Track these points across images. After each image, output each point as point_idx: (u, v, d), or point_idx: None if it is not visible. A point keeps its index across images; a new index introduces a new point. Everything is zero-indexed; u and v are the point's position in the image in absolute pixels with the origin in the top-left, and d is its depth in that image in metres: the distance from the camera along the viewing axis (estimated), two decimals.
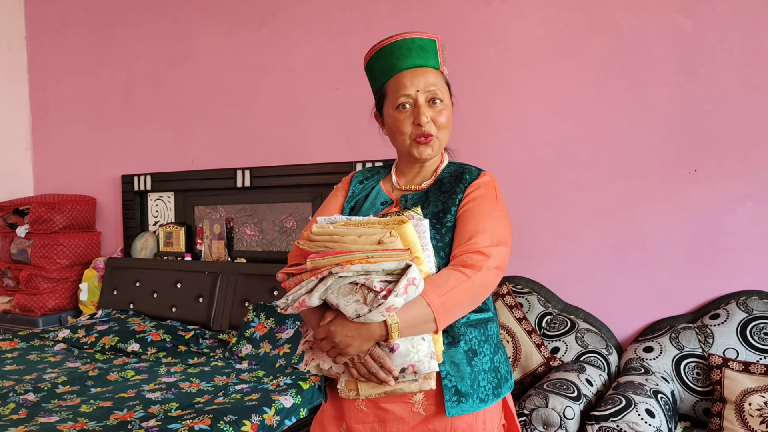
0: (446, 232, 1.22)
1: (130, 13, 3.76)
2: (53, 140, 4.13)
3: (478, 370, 1.19)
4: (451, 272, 1.14)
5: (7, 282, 3.85)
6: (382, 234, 1.08)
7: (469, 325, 1.21)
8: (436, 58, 1.28)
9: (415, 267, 1.07)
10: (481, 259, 1.15)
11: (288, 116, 3.24)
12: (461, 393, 1.17)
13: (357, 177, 1.44)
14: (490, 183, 1.28)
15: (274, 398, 2.13)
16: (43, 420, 1.98)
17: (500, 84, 2.69)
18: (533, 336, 2.39)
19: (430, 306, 1.08)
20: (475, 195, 1.24)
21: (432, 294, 1.09)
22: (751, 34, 2.26)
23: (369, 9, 2.99)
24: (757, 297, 2.22)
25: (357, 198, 1.38)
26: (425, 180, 1.32)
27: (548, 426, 1.82)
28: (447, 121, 1.28)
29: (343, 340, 1.07)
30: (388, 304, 1.03)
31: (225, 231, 3.39)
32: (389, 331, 1.06)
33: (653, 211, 2.41)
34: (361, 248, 1.08)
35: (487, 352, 1.22)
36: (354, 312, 1.05)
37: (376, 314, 1.03)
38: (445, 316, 1.11)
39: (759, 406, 1.91)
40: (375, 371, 1.08)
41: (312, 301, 1.08)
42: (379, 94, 1.32)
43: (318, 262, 1.09)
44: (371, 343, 1.08)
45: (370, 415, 1.22)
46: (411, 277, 1.05)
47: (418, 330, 1.09)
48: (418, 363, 1.09)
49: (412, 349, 1.08)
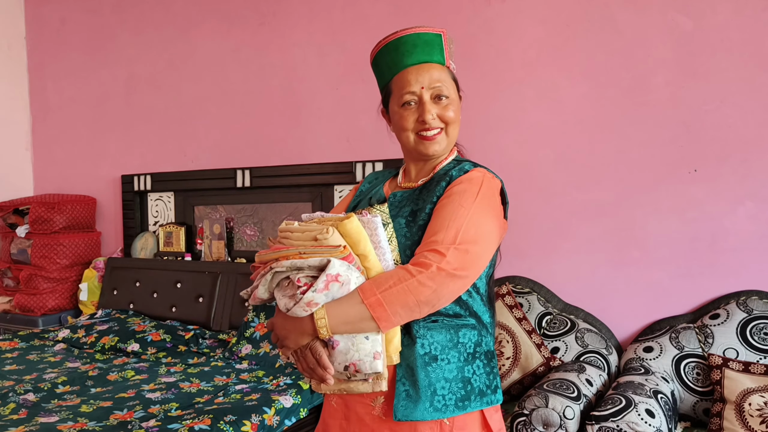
0: (417, 230, 1.17)
1: (130, 13, 3.76)
2: (53, 140, 4.13)
3: (436, 376, 1.12)
4: (397, 270, 1.09)
5: (7, 282, 3.85)
6: (319, 230, 1.09)
7: (432, 329, 1.14)
8: (441, 53, 1.26)
9: (337, 263, 1.05)
10: (435, 258, 1.07)
11: (288, 116, 3.24)
12: (411, 398, 1.11)
13: (369, 177, 1.44)
14: (476, 179, 1.18)
15: (274, 398, 2.13)
16: (43, 420, 1.98)
17: (500, 84, 2.69)
18: (533, 336, 2.39)
19: (364, 303, 1.05)
20: (454, 191, 1.17)
21: (369, 291, 1.06)
22: (751, 34, 2.26)
23: (369, 9, 2.99)
24: (757, 297, 2.22)
25: (361, 197, 1.38)
26: (424, 177, 1.29)
27: (548, 426, 1.82)
28: (455, 116, 1.25)
29: (281, 332, 1.10)
30: (306, 299, 1.04)
31: (225, 231, 3.39)
32: (315, 326, 1.06)
33: (653, 211, 2.41)
34: (300, 244, 1.11)
35: (454, 359, 1.14)
36: (284, 306, 1.07)
37: (298, 309, 1.04)
38: (385, 315, 1.06)
39: (759, 406, 1.91)
40: (313, 366, 1.08)
41: (260, 293, 1.12)
42: (385, 91, 1.30)
43: (263, 256, 1.13)
44: (306, 337, 1.08)
45: (339, 411, 1.22)
46: (332, 273, 1.04)
47: (357, 328, 1.06)
48: (359, 362, 1.07)
49: (353, 347, 1.07)
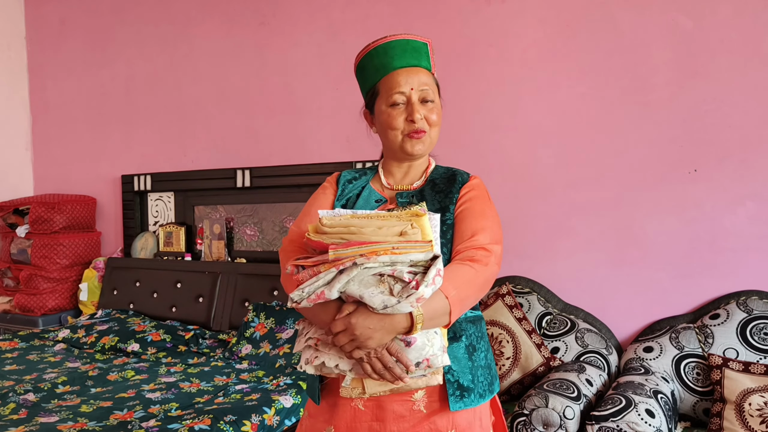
0: (447, 229, 1.26)
1: (130, 13, 3.76)
2: (53, 140, 4.13)
3: (476, 365, 1.23)
4: (460, 266, 1.16)
5: (7, 282, 3.85)
6: (404, 226, 1.07)
7: (468, 322, 1.26)
8: (428, 60, 1.33)
9: (440, 259, 1.07)
10: (486, 255, 1.19)
11: (288, 116, 3.24)
12: (464, 388, 1.20)
13: (344, 176, 1.43)
14: (481, 185, 1.34)
15: (274, 398, 2.13)
16: (43, 420, 1.98)
17: (500, 84, 2.69)
18: (533, 336, 2.39)
19: (447, 298, 1.09)
20: (471, 196, 1.30)
21: (448, 287, 1.10)
22: (751, 34, 2.26)
23: (369, 9, 2.99)
24: (757, 297, 2.22)
25: (348, 197, 1.37)
26: (415, 180, 1.36)
27: (548, 426, 1.82)
28: (437, 120, 1.31)
29: (364, 332, 1.04)
30: (417, 295, 1.02)
31: (225, 231, 3.39)
32: (414, 322, 1.04)
33: (653, 211, 2.41)
34: (383, 239, 1.06)
35: (483, 348, 1.27)
36: (381, 303, 1.02)
37: (405, 305, 1.02)
38: (458, 309, 1.12)
39: (759, 406, 1.91)
40: (391, 366, 1.06)
41: (332, 293, 1.04)
42: (371, 93, 1.34)
43: (341, 252, 1.04)
44: (393, 335, 1.06)
45: (369, 414, 1.22)
46: (440, 268, 1.06)
47: (435, 323, 1.09)
48: (432, 357, 1.08)
49: (428, 342, 1.08)
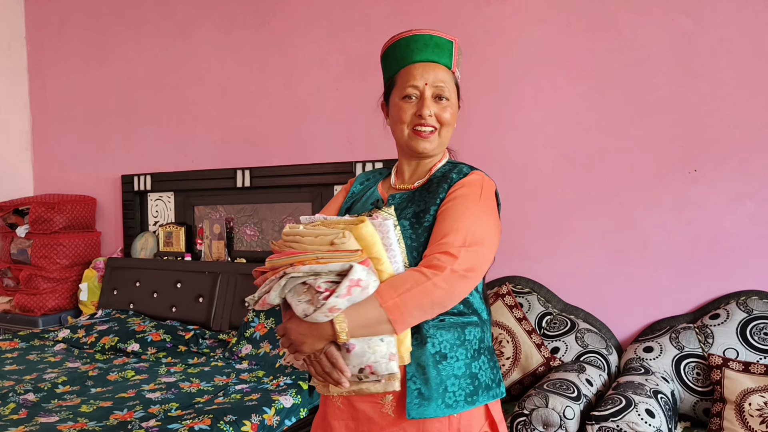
0: (423, 231, 1.20)
1: (130, 12, 3.76)
2: (53, 140, 4.13)
3: (447, 374, 1.16)
4: (412, 273, 1.12)
5: (7, 282, 3.85)
6: (335, 235, 1.09)
7: (441, 328, 1.17)
8: (450, 58, 1.29)
9: (359, 268, 1.06)
10: (448, 260, 1.11)
11: (288, 116, 3.24)
12: (423, 396, 1.14)
13: (360, 178, 1.44)
14: (477, 182, 1.24)
15: (274, 398, 2.13)
16: (43, 420, 1.98)
17: (500, 84, 2.69)
18: (533, 336, 2.39)
19: (382, 307, 1.07)
20: (457, 194, 1.21)
21: (387, 295, 1.08)
22: (751, 34, 2.26)
23: (369, 9, 2.99)
24: (757, 297, 2.22)
25: (354, 198, 1.38)
26: (419, 179, 1.31)
27: (548, 426, 1.82)
28: (451, 119, 1.27)
29: (297, 338, 1.09)
30: (329, 305, 1.04)
31: (225, 231, 3.39)
32: (335, 331, 1.06)
33: (653, 211, 2.41)
34: (315, 248, 1.10)
35: (462, 356, 1.18)
36: (302, 311, 1.07)
37: (319, 314, 1.05)
38: (401, 318, 1.08)
39: (759, 406, 1.91)
40: (329, 371, 1.09)
41: (271, 299, 1.11)
42: (388, 84, 1.32)
43: (275, 261, 1.12)
44: (323, 342, 1.09)
45: (345, 412, 1.23)
46: (354, 279, 1.05)
47: (373, 331, 1.08)
48: (374, 364, 1.08)
49: (369, 350, 1.08)
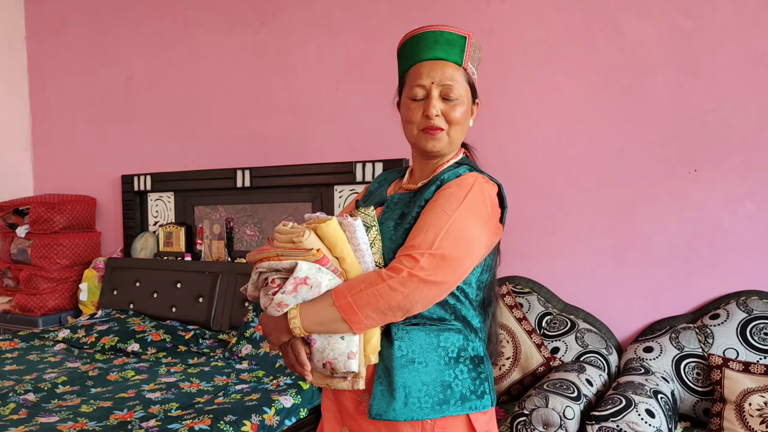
0: (402, 233, 1.18)
1: (130, 13, 3.76)
2: (53, 140, 4.13)
3: (412, 378, 1.13)
4: (370, 274, 1.11)
5: (7, 282, 3.85)
6: (296, 233, 1.14)
7: (411, 332, 1.15)
8: (461, 54, 1.23)
9: (305, 266, 1.08)
10: (408, 263, 1.08)
11: (288, 116, 3.24)
12: (385, 397, 1.14)
13: (379, 177, 1.44)
14: (466, 183, 1.17)
15: (274, 398, 2.13)
16: (43, 420, 1.98)
17: (500, 84, 2.68)
18: (533, 336, 2.39)
19: (335, 305, 1.09)
20: (441, 195, 1.16)
21: (341, 294, 1.10)
22: (751, 34, 2.26)
23: (369, 9, 2.99)
24: (757, 297, 2.22)
25: (370, 197, 1.38)
26: (425, 179, 1.28)
27: (548, 426, 1.82)
28: (461, 118, 1.23)
29: (266, 329, 1.18)
30: (276, 300, 1.10)
31: (225, 231, 3.39)
32: (289, 326, 1.11)
33: (653, 211, 2.41)
34: (281, 246, 1.16)
35: (432, 363, 1.15)
36: (263, 305, 1.14)
37: (271, 309, 1.11)
38: (356, 318, 1.08)
39: (759, 406, 1.91)
40: (293, 363, 1.15)
41: (249, 290, 1.21)
42: (401, 82, 1.31)
43: (252, 256, 1.20)
44: (286, 335, 1.14)
45: (334, 405, 1.28)
46: (300, 277, 1.08)
47: (330, 328, 1.11)
48: (334, 361, 1.12)
49: (328, 346, 1.12)
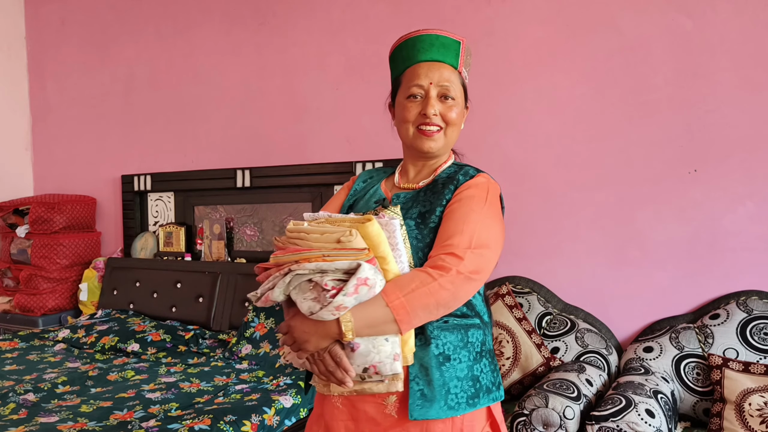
0: (428, 232, 1.20)
1: (130, 12, 3.76)
2: (53, 140, 4.13)
3: (450, 376, 1.15)
4: (417, 273, 1.12)
5: (7, 282, 3.85)
6: (342, 233, 1.08)
7: (445, 329, 1.17)
8: (456, 58, 1.28)
9: (367, 267, 1.05)
10: (453, 261, 1.11)
11: (288, 116, 3.24)
12: (426, 397, 1.13)
13: (362, 176, 1.44)
14: (483, 184, 1.24)
15: (274, 398, 2.13)
16: (43, 420, 1.98)
17: (500, 84, 2.68)
18: (533, 336, 2.39)
19: (389, 306, 1.07)
20: (463, 195, 1.21)
21: (393, 294, 1.08)
22: (751, 34, 2.26)
23: (369, 9, 2.99)
24: (757, 297, 2.22)
25: (357, 196, 1.38)
26: (424, 179, 1.31)
27: (548, 426, 1.82)
28: (457, 119, 1.27)
29: (301, 336, 1.08)
30: (336, 303, 1.03)
31: (225, 231, 3.39)
32: (341, 330, 1.05)
33: (653, 211, 2.41)
34: (321, 246, 1.09)
35: (464, 359, 1.18)
36: (308, 309, 1.06)
37: (326, 312, 1.04)
38: (407, 318, 1.08)
39: (759, 406, 1.91)
40: (332, 370, 1.08)
41: (275, 296, 1.09)
42: (395, 84, 1.33)
43: (280, 258, 1.11)
44: (328, 340, 1.08)
45: (345, 413, 1.22)
46: (362, 277, 1.04)
47: (378, 330, 1.08)
48: (379, 364, 1.08)
49: (373, 349, 1.08)
